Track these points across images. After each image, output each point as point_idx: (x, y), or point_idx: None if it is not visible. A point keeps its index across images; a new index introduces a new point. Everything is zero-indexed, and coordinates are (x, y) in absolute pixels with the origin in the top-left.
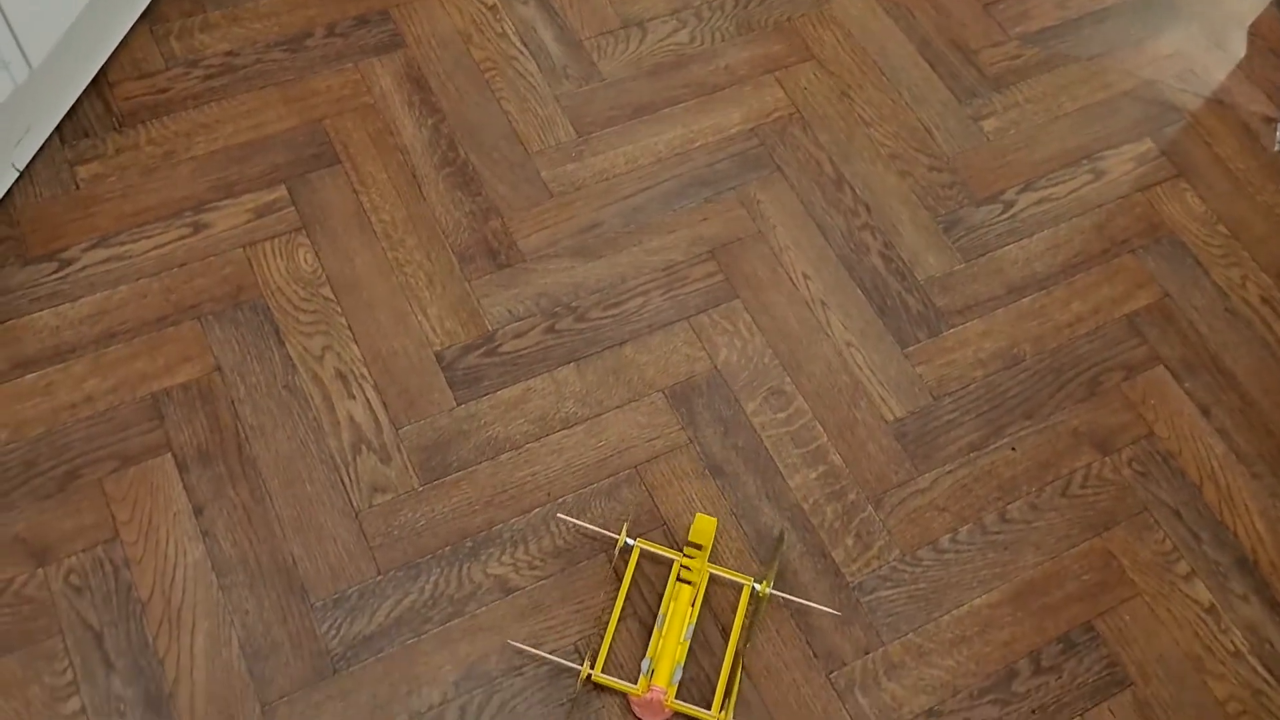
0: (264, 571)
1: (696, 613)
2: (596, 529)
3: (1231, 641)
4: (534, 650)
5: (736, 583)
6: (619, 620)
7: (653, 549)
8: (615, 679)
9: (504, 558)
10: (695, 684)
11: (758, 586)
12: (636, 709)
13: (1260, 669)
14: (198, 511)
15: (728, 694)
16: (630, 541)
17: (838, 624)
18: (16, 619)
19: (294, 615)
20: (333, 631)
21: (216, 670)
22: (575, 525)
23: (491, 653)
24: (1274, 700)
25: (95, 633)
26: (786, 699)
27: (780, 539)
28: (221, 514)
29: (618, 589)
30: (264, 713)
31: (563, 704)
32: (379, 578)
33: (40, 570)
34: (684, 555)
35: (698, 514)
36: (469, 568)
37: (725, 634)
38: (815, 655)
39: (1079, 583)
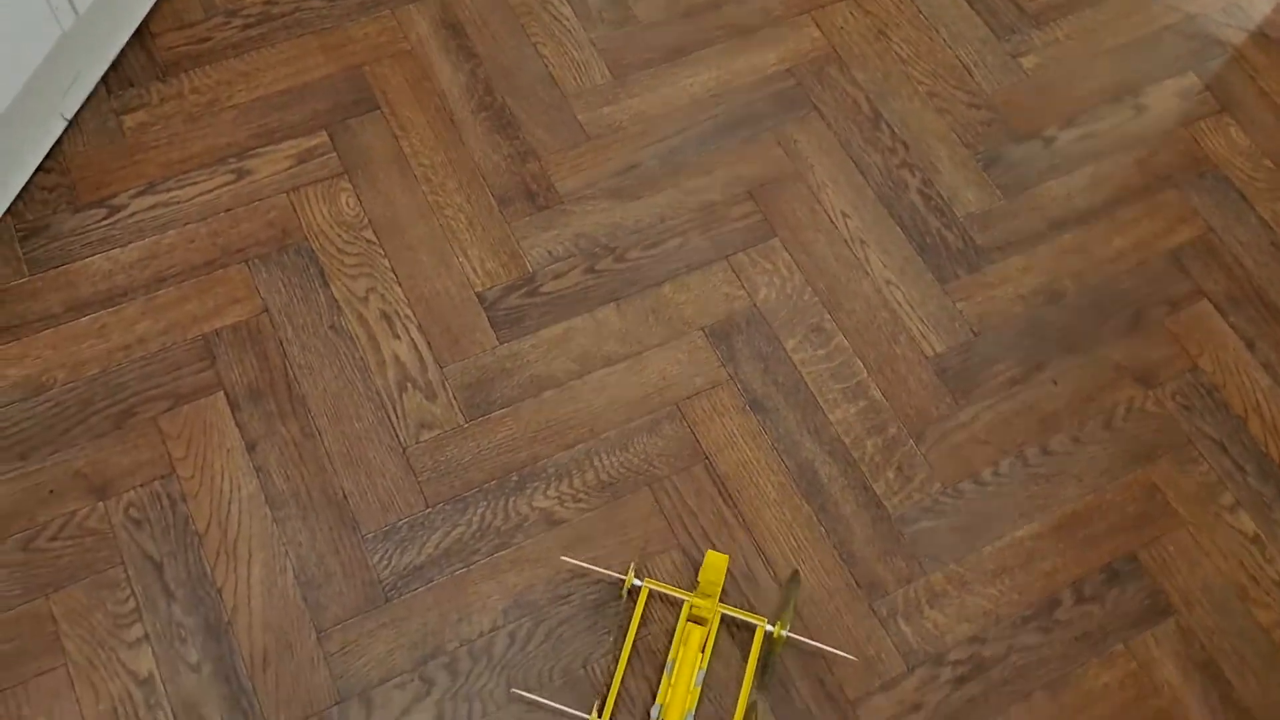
0: (316, 505)
1: (708, 657)
2: (603, 570)
3: (1277, 570)
4: (541, 699)
5: (750, 623)
6: (627, 663)
7: (662, 589)
8: None
9: (549, 491)
10: None
11: (771, 629)
12: None
13: None
14: (250, 448)
15: None
16: (638, 582)
17: (881, 554)
18: (79, 550)
19: (346, 546)
20: (384, 562)
21: (273, 599)
22: (581, 567)
23: (538, 582)
24: None
25: (155, 563)
26: (830, 627)
27: (794, 579)
28: (273, 450)
29: (628, 624)
30: (319, 639)
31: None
32: (427, 510)
33: (100, 504)
34: (695, 595)
35: (708, 551)
36: (515, 501)
37: (739, 677)
38: (858, 585)
39: (1122, 514)
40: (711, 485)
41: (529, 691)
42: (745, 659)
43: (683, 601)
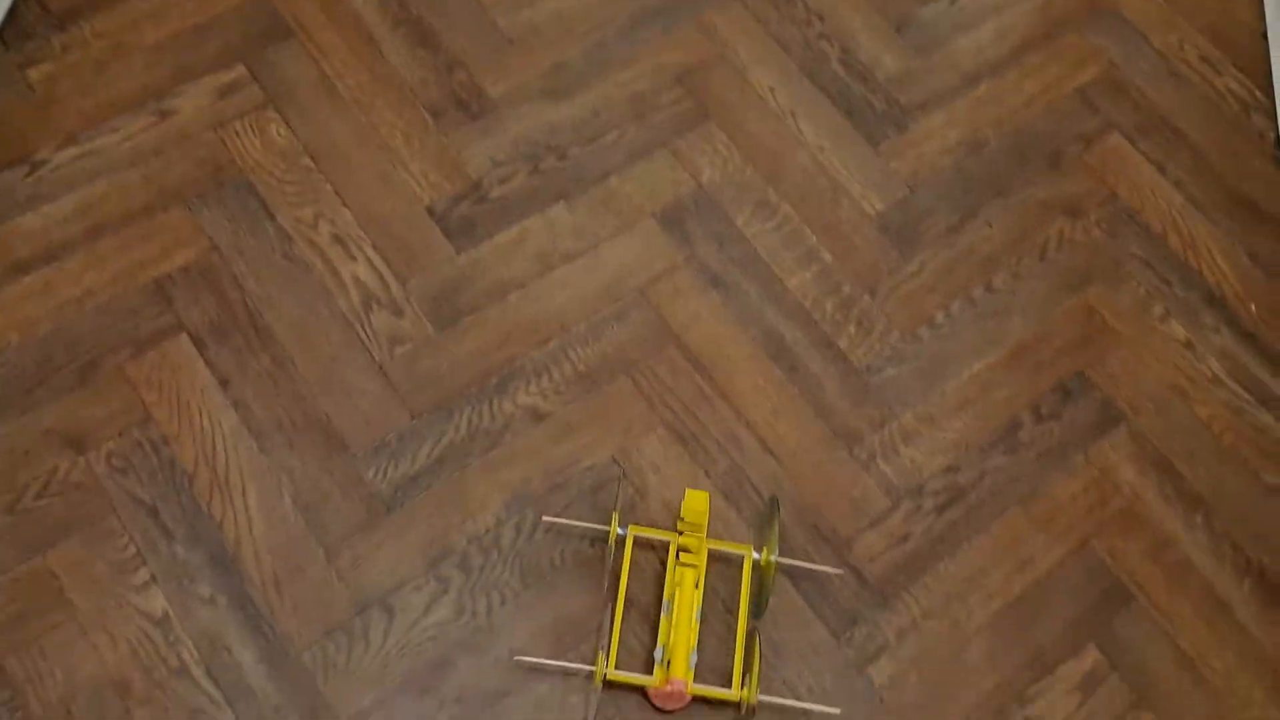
0: (300, 431)
1: (701, 594)
2: (587, 524)
3: (1209, 369)
4: (545, 661)
5: (738, 555)
6: (624, 610)
7: (647, 534)
8: (630, 674)
9: (530, 388)
10: (712, 661)
11: (758, 556)
12: (656, 700)
13: (1237, 389)
14: (224, 384)
15: (747, 670)
16: (622, 531)
17: (853, 404)
18: (68, 505)
19: (338, 466)
20: (379, 476)
21: (274, 525)
22: (563, 524)
23: (533, 475)
24: (1252, 415)
25: (148, 507)
26: (815, 477)
27: (773, 505)
28: (248, 383)
29: (617, 582)
30: (328, 557)
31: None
32: (413, 421)
33: (80, 458)
34: (680, 535)
35: (688, 490)
36: (498, 401)
37: (735, 607)
38: (836, 435)
39: (1066, 337)
40: (685, 362)
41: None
42: (738, 589)
43: (669, 543)
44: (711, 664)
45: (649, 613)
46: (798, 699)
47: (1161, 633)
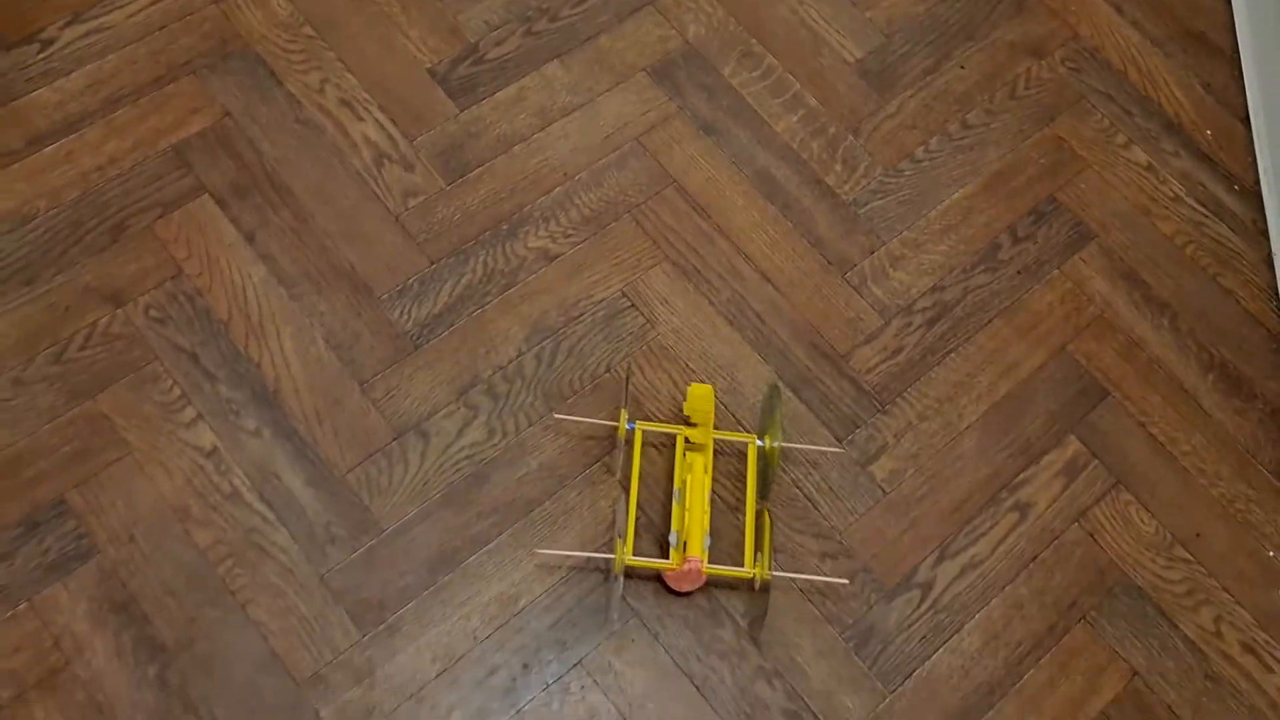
0: (326, 279)
1: (710, 478)
2: (596, 420)
3: (1170, 189)
4: (565, 552)
5: (742, 442)
6: (637, 501)
7: (654, 428)
8: (648, 559)
9: (540, 232)
10: (723, 545)
11: (761, 443)
12: (672, 582)
13: (1196, 205)
14: (249, 239)
15: (759, 548)
16: (631, 426)
17: (843, 234)
18: (111, 354)
19: (366, 309)
20: (405, 316)
21: (310, 363)
22: (574, 421)
23: (550, 309)
24: (1211, 227)
25: (189, 353)
26: (812, 301)
27: (774, 392)
28: (272, 238)
29: (629, 475)
30: (363, 390)
31: (606, 585)
32: (433, 266)
33: (119, 310)
34: (686, 427)
35: (691, 384)
36: (511, 245)
37: (742, 493)
38: (830, 262)
39: (1037, 165)
40: (684, 203)
41: (567, 414)
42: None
43: (675, 435)
44: (722, 548)
45: (664, 502)
46: (807, 498)
47: (1135, 423)
